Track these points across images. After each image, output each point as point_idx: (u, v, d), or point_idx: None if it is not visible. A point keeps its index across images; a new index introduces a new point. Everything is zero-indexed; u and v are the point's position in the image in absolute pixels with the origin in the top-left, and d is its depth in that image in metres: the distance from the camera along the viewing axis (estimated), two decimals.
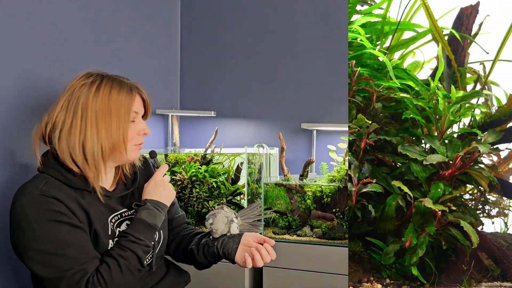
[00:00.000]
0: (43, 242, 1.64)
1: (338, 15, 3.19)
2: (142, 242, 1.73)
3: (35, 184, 1.70)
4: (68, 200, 1.71)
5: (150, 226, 1.77)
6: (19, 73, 2.15)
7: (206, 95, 3.51)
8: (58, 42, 2.36)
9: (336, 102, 3.19)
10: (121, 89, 1.80)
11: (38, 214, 1.65)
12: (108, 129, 1.76)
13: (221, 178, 3.02)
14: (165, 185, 1.87)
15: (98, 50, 2.65)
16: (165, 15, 3.39)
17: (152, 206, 1.81)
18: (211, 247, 1.93)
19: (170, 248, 2.10)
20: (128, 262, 1.70)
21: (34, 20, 2.23)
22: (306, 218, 2.78)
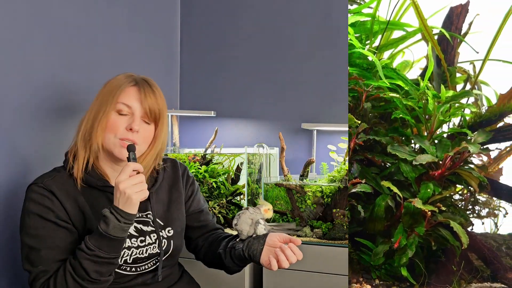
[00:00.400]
0: (27, 234, 1.73)
1: (337, 15, 3.18)
2: (90, 252, 1.63)
3: (45, 176, 1.79)
4: (66, 197, 1.75)
5: (102, 235, 1.63)
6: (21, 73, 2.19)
7: (206, 95, 3.50)
8: (57, 42, 2.39)
9: (336, 102, 3.18)
10: (126, 80, 1.84)
11: (31, 206, 1.73)
12: (96, 113, 1.80)
13: (221, 178, 3.02)
14: (119, 189, 1.63)
15: (97, 50, 2.67)
16: (165, 15, 3.39)
17: (109, 213, 1.64)
18: (237, 250, 1.87)
19: (201, 254, 2.08)
20: (74, 272, 1.66)
21: (33, 20, 2.25)
22: (307, 219, 2.77)
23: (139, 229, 1.87)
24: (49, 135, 2.33)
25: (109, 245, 1.65)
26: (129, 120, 1.80)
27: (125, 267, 1.84)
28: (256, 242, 1.84)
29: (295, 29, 3.28)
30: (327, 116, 3.20)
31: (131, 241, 1.83)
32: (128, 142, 1.78)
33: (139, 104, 1.81)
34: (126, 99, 1.80)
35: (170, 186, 2.02)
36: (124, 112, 1.80)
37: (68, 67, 2.42)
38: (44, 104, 2.30)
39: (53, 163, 1.94)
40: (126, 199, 1.63)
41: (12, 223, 2.09)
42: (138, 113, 1.81)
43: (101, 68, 2.67)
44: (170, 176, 2.02)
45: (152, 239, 1.89)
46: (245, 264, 1.93)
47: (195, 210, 2.09)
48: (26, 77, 2.21)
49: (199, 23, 3.52)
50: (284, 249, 1.77)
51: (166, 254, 1.92)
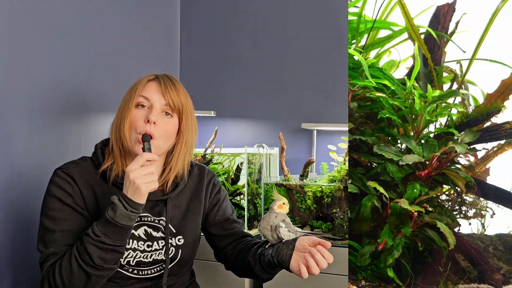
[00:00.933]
0: (45, 215, 1.79)
1: (338, 15, 3.18)
2: (95, 238, 1.64)
3: (71, 163, 1.87)
4: (85, 185, 1.82)
5: (108, 221, 1.65)
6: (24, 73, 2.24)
7: (206, 95, 3.52)
8: (56, 41, 2.42)
9: (336, 102, 3.18)
10: (145, 75, 1.87)
11: (53, 189, 1.80)
12: (120, 112, 1.83)
13: (221, 178, 3.02)
14: (129, 178, 1.64)
15: (97, 50, 2.69)
16: (165, 15, 3.41)
17: (117, 200, 1.65)
18: (266, 256, 1.84)
19: (230, 263, 2.05)
20: (79, 256, 1.67)
21: (33, 19, 2.29)
22: (307, 219, 2.77)
23: (149, 233, 1.87)
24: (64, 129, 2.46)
25: (115, 232, 1.66)
26: (147, 112, 1.79)
27: (127, 268, 1.84)
28: (285, 247, 1.80)
29: (295, 29, 3.29)
30: (327, 116, 3.21)
31: (138, 244, 1.84)
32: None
33: (159, 96, 1.80)
34: (145, 92, 1.80)
35: (192, 193, 2.00)
36: (143, 105, 1.80)
37: (68, 67, 2.45)
38: (45, 104, 2.33)
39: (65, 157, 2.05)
40: (135, 189, 1.64)
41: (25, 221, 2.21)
42: (158, 106, 1.80)
43: (101, 68, 2.70)
44: (195, 184, 2.01)
45: (160, 245, 1.88)
46: (276, 271, 1.90)
47: (221, 219, 2.07)
48: (29, 76, 2.26)
49: (199, 23, 3.53)
50: (313, 254, 1.71)
51: (172, 262, 1.91)
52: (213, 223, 2.07)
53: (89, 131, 2.60)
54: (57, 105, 2.41)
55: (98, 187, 1.83)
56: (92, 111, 2.65)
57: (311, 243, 1.76)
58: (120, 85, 1.95)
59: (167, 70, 3.48)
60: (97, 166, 1.86)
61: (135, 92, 1.81)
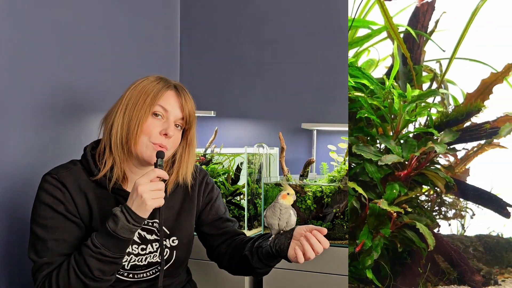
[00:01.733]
0: (36, 223, 1.74)
1: (338, 15, 3.17)
2: (95, 250, 1.63)
3: (61, 167, 1.81)
4: (77, 191, 1.77)
5: (109, 233, 1.63)
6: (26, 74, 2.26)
7: (206, 95, 3.52)
8: (58, 42, 2.44)
9: (336, 102, 3.17)
10: (157, 81, 1.81)
11: (43, 196, 1.74)
12: (130, 116, 1.77)
13: (221, 178, 3.03)
14: (137, 192, 1.62)
15: (97, 50, 2.71)
16: (165, 15, 3.42)
17: (120, 212, 1.63)
18: (264, 248, 1.84)
19: (225, 262, 2.04)
20: (77, 267, 1.66)
21: (33, 19, 2.30)
22: (307, 219, 2.76)
23: (143, 236, 1.86)
24: (58, 130, 2.44)
25: (115, 245, 1.65)
26: (164, 124, 1.79)
27: (122, 272, 1.83)
28: (284, 237, 1.81)
29: (295, 29, 3.28)
30: (327, 116, 3.20)
31: (132, 248, 1.82)
32: (162, 147, 1.78)
33: (178, 109, 1.81)
34: (164, 103, 1.78)
35: (184, 193, 1.99)
36: (160, 115, 1.79)
37: (68, 67, 2.46)
38: (52, 102, 2.38)
39: (62, 157, 2.02)
40: (141, 203, 1.62)
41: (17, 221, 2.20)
42: (173, 118, 1.80)
43: (101, 68, 2.71)
44: (194, 190, 2.01)
45: (154, 247, 1.88)
46: (274, 263, 1.89)
47: (215, 218, 2.07)
48: (36, 77, 2.29)
49: (199, 23, 3.54)
50: (309, 238, 1.72)
51: (167, 264, 1.91)
52: (206, 222, 2.06)
53: (89, 132, 2.60)
54: (56, 106, 2.42)
55: (90, 192, 1.79)
56: (92, 112, 2.66)
57: (308, 229, 1.76)
58: (120, 86, 1.95)
59: (167, 70, 3.51)
60: (88, 170, 1.81)
61: (153, 99, 1.78)
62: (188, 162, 1.92)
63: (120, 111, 1.79)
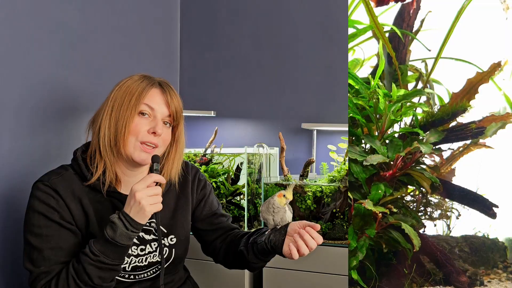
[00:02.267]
0: (30, 232, 1.70)
1: (338, 15, 3.16)
2: (94, 258, 1.62)
3: (52, 174, 1.76)
4: (71, 197, 1.73)
5: (107, 241, 1.62)
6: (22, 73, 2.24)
7: (206, 95, 3.52)
8: (57, 42, 2.43)
9: (336, 102, 3.16)
10: (141, 80, 1.80)
11: (36, 204, 1.70)
12: (117, 117, 1.75)
13: (221, 178, 3.03)
14: (135, 198, 1.61)
15: (97, 50, 2.71)
16: (165, 14, 3.43)
17: (117, 219, 1.62)
18: (259, 244, 1.84)
19: (220, 256, 2.05)
20: (77, 276, 1.65)
21: (32, 19, 2.29)
22: (307, 219, 2.76)
23: (141, 237, 1.85)
24: (50, 133, 2.39)
25: (114, 252, 1.63)
26: (151, 123, 1.78)
27: (123, 274, 1.83)
28: (278, 233, 1.81)
29: (295, 29, 3.28)
30: (327, 116, 3.19)
31: (131, 249, 1.82)
32: (150, 146, 1.77)
33: (164, 107, 1.80)
34: (150, 101, 1.78)
35: (178, 191, 1.98)
36: (146, 114, 1.78)
37: (68, 67, 2.45)
38: (44, 104, 2.35)
39: (56, 160, 2.05)
40: (139, 209, 1.61)
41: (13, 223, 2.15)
42: (160, 116, 1.79)
43: (101, 68, 2.71)
44: (180, 180, 1.98)
45: (153, 247, 1.87)
46: (269, 258, 1.90)
47: (209, 214, 2.07)
48: (27, 77, 2.26)
49: (199, 23, 3.54)
50: (302, 234, 1.73)
51: (167, 262, 1.91)
52: (200, 218, 2.06)
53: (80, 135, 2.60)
54: (53, 106, 2.41)
55: (84, 197, 1.75)
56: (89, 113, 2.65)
57: (301, 226, 1.77)
58: None
59: (167, 70, 3.51)
60: (80, 175, 1.78)
61: (137, 98, 1.77)
62: (175, 159, 1.90)
63: (107, 113, 1.77)
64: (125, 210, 1.63)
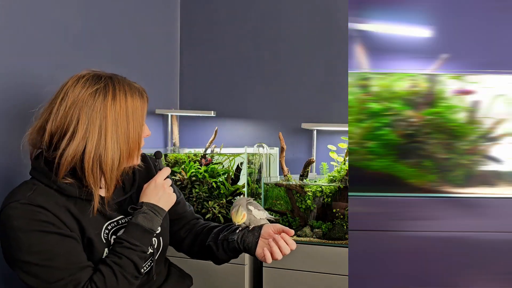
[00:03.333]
0: (29, 253, 1.58)
1: (338, 15, 3.17)
2: (137, 248, 1.68)
3: (22, 191, 1.64)
4: (57, 208, 1.64)
5: (146, 231, 1.71)
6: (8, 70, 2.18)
7: (205, 95, 3.54)
8: (54, 40, 2.41)
9: (336, 102, 3.17)
10: (133, 94, 1.74)
11: (24, 224, 1.58)
12: (126, 136, 1.70)
13: (221, 178, 3.02)
14: (164, 189, 1.80)
15: (97, 50, 2.70)
16: (165, 15, 3.42)
17: (148, 209, 1.74)
18: (231, 243, 1.88)
19: (184, 246, 2.08)
20: (123, 269, 1.65)
21: (27, 16, 2.26)
22: (307, 219, 2.76)
23: None
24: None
25: (149, 239, 1.74)
26: (145, 129, 1.82)
27: None
28: (251, 234, 1.86)
29: (295, 29, 3.29)
30: (327, 116, 3.21)
31: None
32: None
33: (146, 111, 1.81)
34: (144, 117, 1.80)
35: (144, 183, 1.93)
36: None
37: (68, 66, 2.42)
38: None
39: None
40: (168, 198, 1.81)
41: None
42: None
43: (100, 68, 2.69)
44: (143, 172, 1.97)
45: None
46: (238, 255, 1.95)
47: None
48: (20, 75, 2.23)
49: (199, 23, 3.54)
50: (277, 241, 1.80)
51: (158, 252, 1.91)
52: None
53: None
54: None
55: (69, 205, 1.67)
56: None
57: (276, 230, 1.85)
58: None
59: (167, 70, 3.51)
60: (53, 188, 1.66)
61: (143, 111, 1.77)
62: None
63: (110, 133, 1.68)
64: (151, 201, 1.78)
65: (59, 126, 1.65)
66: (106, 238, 1.74)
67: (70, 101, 1.66)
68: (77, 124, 1.64)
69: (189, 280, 2.11)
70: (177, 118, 3.50)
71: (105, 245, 1.72)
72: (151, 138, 3.22)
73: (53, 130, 1.65)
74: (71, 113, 1.64)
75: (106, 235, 1.75)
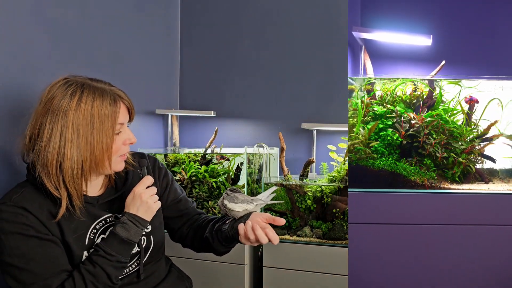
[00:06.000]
0: (9, 255, 1.64)
1: (338, 15, 3.16)
2: (112, 258, 1.69)
3: (11, 193, 1.70)
4: (40, 211, 1.68)
5: (123, 241, 1.72)
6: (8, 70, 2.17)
7: (205, 95, 3.53)
8: (54, 40, 2.40)
9: (336, 102, 3.17)
10: (104, 100, 1.71)
11: (6, 226, 1.64)
12: (90, 145, 1.69)
13: (221, 178, 3.02)
14: (142, 199, 1.77)
15: (97, 50, 2.70)
16: (165, 15, 3.42)
17: (128, 220, 1.75)
18: (223, 232, 1.90)
19: (188, 242, 2.09)
20: (95, 279, 1.67)
21: (31, 20, 2.26)
22: (307, 219, 2.76)
23: None
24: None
25: (128, 250, 1.75)
26: (123, 134, 1.79)
27: None
28: (239, 223, 1.84)
29: (295, 29, 3.28)
30: (327, 116, 3.20)
31: None
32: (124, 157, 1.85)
33: (127, 114, 1.81)
34: (121, 119, 1.77)
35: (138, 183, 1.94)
36: (119, 131, 1.77)
37: (67, 66, 2.43)
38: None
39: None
40: (147, 208, 1.79)
41: None
42: (126, 123, 1.81)
43: (101, 69, 2.70)
44: (137, 172, 1.98)
45: None
46: (233, 245, 1.97)
47: (174, 201, 2.09)
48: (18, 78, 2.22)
49: (199, 23, 3.54)
50: (255, 229, 1.74)
51: (148, 251, 1.91)
52: (166, 206, 2.06)
53: None
54: None
55: (53, 207, 1.71)
56: None
57: (264, 219, 1.82)
58: (119, 87, 1.89)
59: (167, 70, 3.51)
60: (42, 191, 1.70)
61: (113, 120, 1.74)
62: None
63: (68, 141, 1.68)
64: (131, 211, 1.77)
65: (32, 132, 1.70)
66: (92, 238, 1.77)
67: (41, 107, 1.69)
68: (44, 131, 1.66)
69: (188, 282, 2.12)
70: (177, 118, 3.49)
71: (86, 247, 1.75)
72: (151, 138, 3.26)
73: (30, 135, 1.71)
74: (40, 120, 1.68)
75: (93, 235, 1.77)
